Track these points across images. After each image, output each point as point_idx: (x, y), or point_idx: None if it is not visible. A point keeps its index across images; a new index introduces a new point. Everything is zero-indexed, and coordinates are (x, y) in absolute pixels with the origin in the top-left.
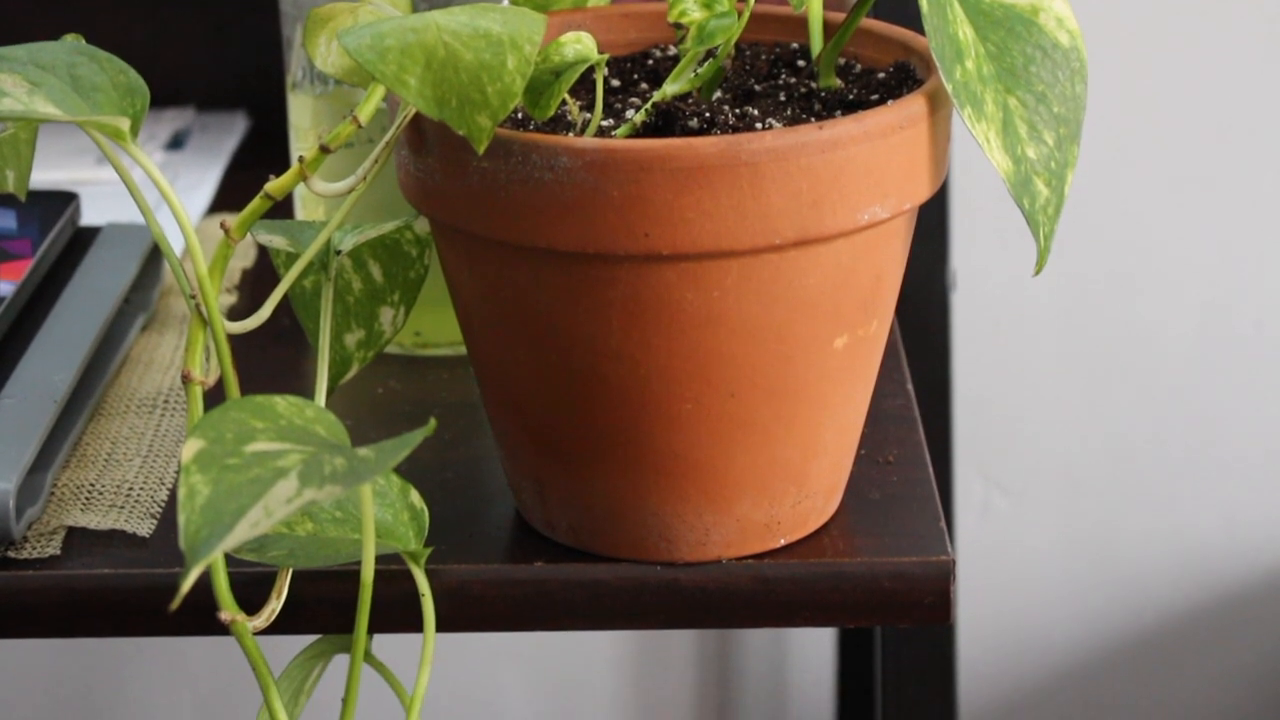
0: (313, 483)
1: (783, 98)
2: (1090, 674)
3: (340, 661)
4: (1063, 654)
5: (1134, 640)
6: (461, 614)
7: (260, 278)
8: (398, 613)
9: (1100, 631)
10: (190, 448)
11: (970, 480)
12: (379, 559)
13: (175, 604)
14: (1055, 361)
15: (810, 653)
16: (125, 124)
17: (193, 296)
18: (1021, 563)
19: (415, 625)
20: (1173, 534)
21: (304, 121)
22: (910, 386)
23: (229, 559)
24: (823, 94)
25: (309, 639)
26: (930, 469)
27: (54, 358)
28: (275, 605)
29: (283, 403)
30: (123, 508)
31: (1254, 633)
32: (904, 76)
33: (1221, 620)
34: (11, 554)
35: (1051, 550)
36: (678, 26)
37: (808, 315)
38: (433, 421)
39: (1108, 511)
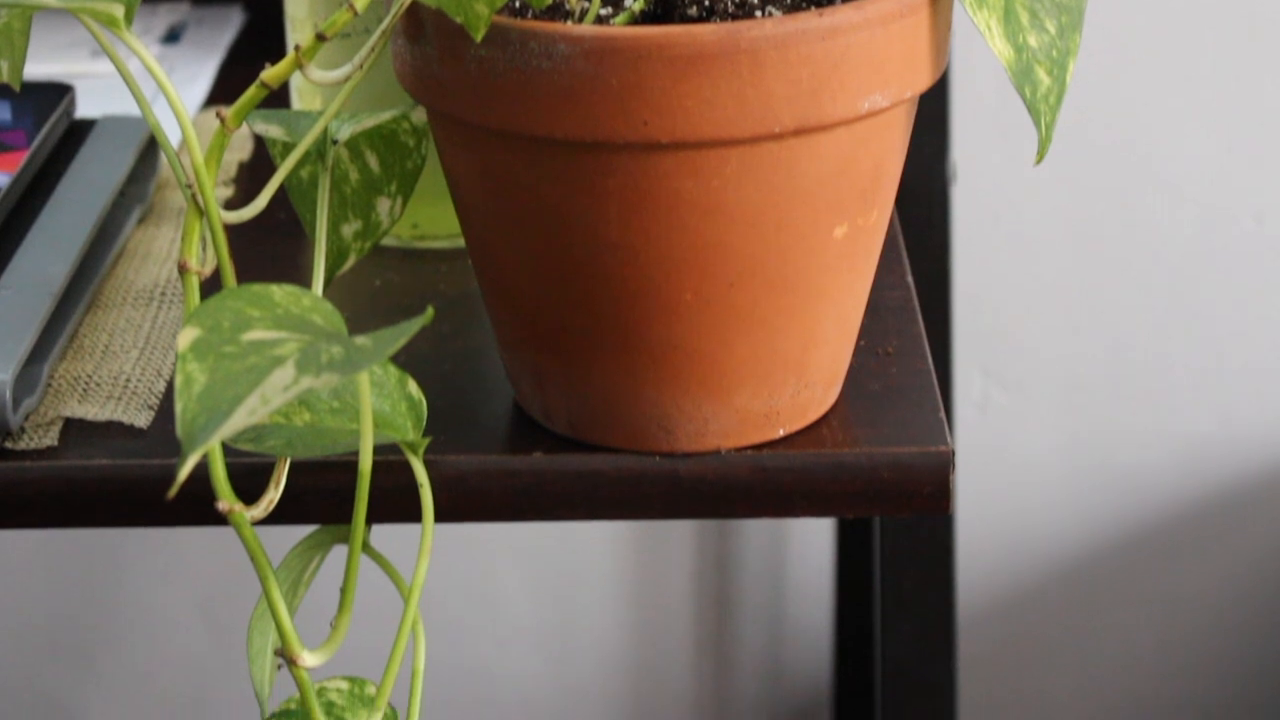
0: (310, 370)
1: None
2: (1088, 570)
3: (339, 552)
4: (1061, 549)
5: (1131, 536)
6: (459, 504)
7: (257, 171)
8: (396, 503)
9: (1098, 528)
10: (186, 336)
11: (969, 376)
12: (377, 449)
13: (173, 492)
14: (1056, 257)
15: (809, 545)
16: (119, 10)
17: (189, 186)
18: (1020, 458)
19: (414, 516)
20: (1171, 431)
21: (300, 12)
22: (910, 279)
23: (226, 449)
24: None
25: (308, 530)
26: (930, 361)
27: (50, 250)
28: (273, 495)
29: (279, 291)
30: (120, 399)
31: (1251, 531)
32: None
33: (1219, 518)
34: (9, 445)
35: (1050, 446)
36: None
37: (807, 204)
38: (430, 310)
39: (1106, 408)
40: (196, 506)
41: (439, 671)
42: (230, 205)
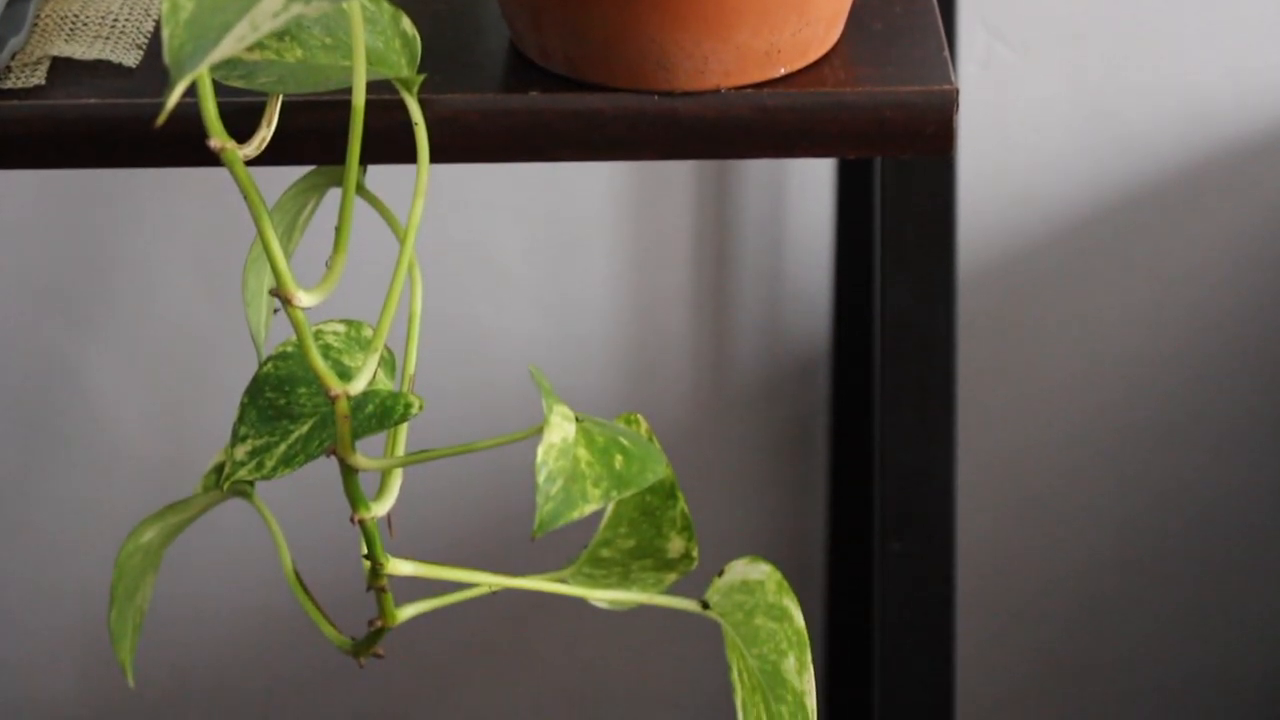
0: None
1: None
2: (1089, 228)
3: (334, 204)
4: (1063, 208)
5: (1134, 194)
6: (455, 143)
7: None
8: (390, 143)
9: (1101, 186)
10: None
11: (973, 31)
12: (371, 90)
13: (161, 119)
14: None
15: (808, 203)
16: None
17: None
18: (1023, 116)
19: (408, 156)
20: (1177, 85)
21: None
22: None
23: (218, 89)
24: None
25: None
26: (934, 0)
27: None
28: (265, 133)
29: None
30: (108, 39)
31: (1254, 191)
32: None
33: (1223, 176)
34: None
35: (1054, 103)
36: None
37: None
38: None
39: (1112, 62)
40: (188, 146)
41: (437, 328)
42: None
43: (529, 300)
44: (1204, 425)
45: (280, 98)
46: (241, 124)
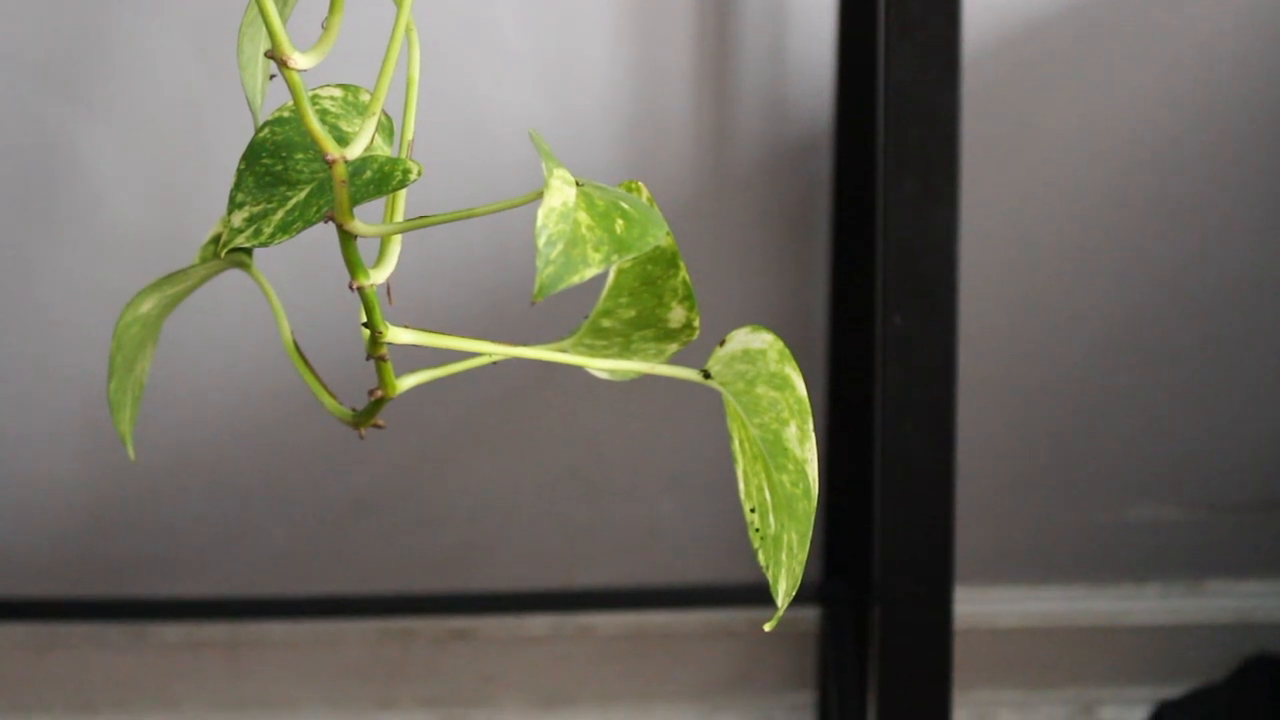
0: None
1: None
2: (1097, 3)
3: None
4: None
5: None
6: None
7: None
8: None
9: None
10: None
11: None
12: None
13: None
14: None
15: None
16: None
17: None
18: None
19: None
20: None
21: None
22: None
23: None
24: None
25: None
26: None
27: None
28: None
29: None
30: None
31: None
32: None
33: None
34: None
35: None
36: None
37: None
38: None
39: None
40: None
41: (435, 103)
42: None
43: (528, 75)
44: (1209, 205)
45: None
46: None
